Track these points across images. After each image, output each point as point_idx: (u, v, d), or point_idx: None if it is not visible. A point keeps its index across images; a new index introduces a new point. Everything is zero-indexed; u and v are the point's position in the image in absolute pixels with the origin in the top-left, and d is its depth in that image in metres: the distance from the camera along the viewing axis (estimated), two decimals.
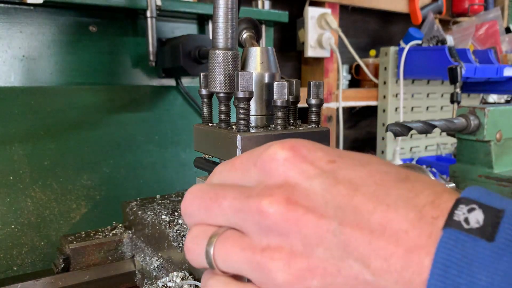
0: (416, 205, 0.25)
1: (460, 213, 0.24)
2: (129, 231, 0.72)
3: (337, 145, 1.66)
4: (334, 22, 1.51)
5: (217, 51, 0.46)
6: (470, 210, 0.24)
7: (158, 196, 0.75)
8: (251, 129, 0.46)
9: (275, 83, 0.45)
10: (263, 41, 1.20)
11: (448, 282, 0.22)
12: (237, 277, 0.30)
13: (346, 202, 0.26)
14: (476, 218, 0.23)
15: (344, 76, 1.72)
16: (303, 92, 0.47)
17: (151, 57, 1.01)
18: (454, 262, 0.22)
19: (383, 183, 0.26)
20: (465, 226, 0.23)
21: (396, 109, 1.72)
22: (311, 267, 0.25)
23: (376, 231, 0.24)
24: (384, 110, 1.73)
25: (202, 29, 1.13)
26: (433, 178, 0.27)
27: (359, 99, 1.72)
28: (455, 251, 0.23)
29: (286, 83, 0.45)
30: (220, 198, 0.29)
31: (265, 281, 0.27)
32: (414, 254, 0.24)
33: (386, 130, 0.93)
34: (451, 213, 0.24)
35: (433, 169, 1.41)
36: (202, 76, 0.50)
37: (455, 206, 0.24)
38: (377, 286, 0.24)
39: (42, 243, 0.91)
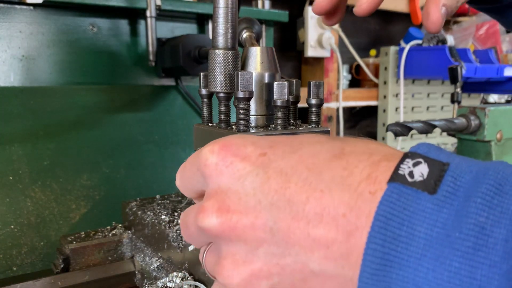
0: (351, 184, 0.24)
1: (405, 167, 0.24)
2: (129, 231, 0.72)
3: None
4: None
5: (217, 51, 0.46)
6: (416, 164, 0.24)
7: (158, 196, 0.75)
8: (251, 129, 0.46)
9: (275, 83, 0.44)
10: (263, 41, 1.20)
11: (388, 234, 0.22)
12: None
13: (278, 197, 0.25)
14: (421, 171, 0.23)
15: (345, 76, 1.72)
16: (303, 92, 0.47)
17: (151, 57, 1.01)
18: (396, 215, 0.22)
19: (315, 166, 0.25)
20: (409, 179, 0.23)
21: (396, 109, 1.72)
22: (255, 271, 0.26)
23: (313, 221, 0.24)
24: (384, 110, 1.72)
25: (202, 29, 1.13)
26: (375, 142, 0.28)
27: (359, 99, 1.72)
28: (398, 204, 0.23)
29: (286, 83, 0.45)
30: (189, 226, 0.30)
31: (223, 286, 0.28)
32: (355, 237, 0.23)
33: (387, 130, 0.93)
34: (397, 167, 0.24)
35: None
36: (202, 76, 0.50)
37: (401, 160, 0.24)
38: (325, 275, 0.24)
39: (42, 243, 0.91)
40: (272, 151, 0.27)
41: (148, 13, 0.98)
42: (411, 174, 0.23)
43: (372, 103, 1.75)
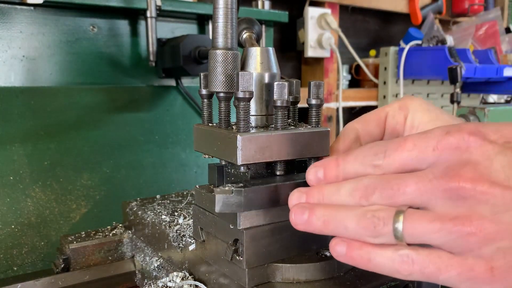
0: None
1: None
2: (129, 231, 0.72)
3: None
4: (334, 22, 1.51)
5: (217, 51, 0.46)
6: None
7: (158, 196, 0.75)
8: (251, 129, 0.46)
9: (275, 83, 0.44)
10: (263, 41, 1.20)
11: None
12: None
13: None
14: None
15: (344, 76, 1.72)
16: (303, 92, 0.47)
17: (151, 57, 1.01)
18: None
19: None
20: None
21: None
22: (501, 230, 0.30)
23: None
24: None
25: (202, 29, 1.13)
26: None
27: (359, 99, 1.72)
28: None
29: (286, 83, 0.45)
30: (403, 187, 0.34)
31: (456, 244, 0.31)
32: None
33: None
34: None
35: None
36: (202, 76, 0.50)
37: None
38: None
39: (42, 243, 0.91)
40: None
41: (148, 14, 0.98)
42: None
43: (372, 103, 1.75)
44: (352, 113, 1.81)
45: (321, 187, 0.40)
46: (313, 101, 0.48)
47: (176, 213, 0.65)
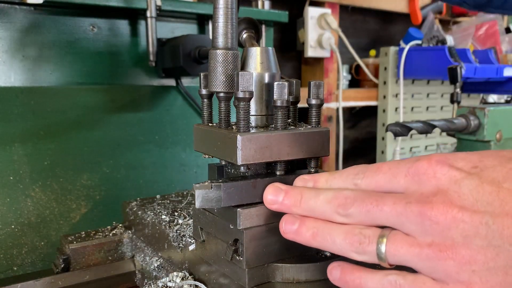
0: None
1: None
2: (129, 231, 0.72)
3: (337, 145, 1.66)
4: (334, 22, 1.51)
5: (217, 51, 0.46)
6: None
7: (158, 196, 0.75)
8: (251, 129, 0.46)
9: (275, 83, 0.44)
10: (263, 41, 1.20)
11: None
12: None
13: (493, 198, 0.31)
14: None
15: (344, 76, 1.72)
16: (303, 92, 0.47)
17: (151, 57, 1.01)
18: None
19: None
20: None
21: (396, 109, 1.72)
22: (473, 254, 0.31)
23: None
24: (384, 110, 1.72)
25: (202, 29, 1.13)
26: None
27: (359, 99, 1.72)
28: None
29: (286, 83, 0.45)
30: (381, 205, 0.35)
31: (435, 270, 0.33)
32: None
33: (386, 130, 0.93)
34: None
35: None
36: (202, 76, 0.50)
37: None
38: None
39: (42, 243, 0.91)
40: (482, 164, 0.34)
41: (148, 14, 0.98)
42: None
43: (372, 103, 1.75)
44: (352, 113, 1.81)
45: (302, 189, 0.41)
46: (313, 101, 0.48)
47: (176, 213, 0.65)
